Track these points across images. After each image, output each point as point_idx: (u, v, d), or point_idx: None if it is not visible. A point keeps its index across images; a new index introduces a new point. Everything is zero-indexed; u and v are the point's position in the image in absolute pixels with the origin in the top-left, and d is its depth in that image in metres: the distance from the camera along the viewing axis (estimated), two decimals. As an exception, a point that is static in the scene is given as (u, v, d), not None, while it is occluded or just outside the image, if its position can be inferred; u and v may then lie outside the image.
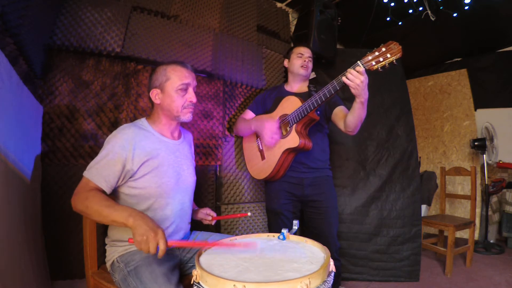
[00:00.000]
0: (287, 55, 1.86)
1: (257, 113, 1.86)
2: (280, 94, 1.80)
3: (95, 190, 0.97)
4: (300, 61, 1.76)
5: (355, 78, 1.26)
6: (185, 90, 1.15)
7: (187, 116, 1.17)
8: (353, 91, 1.31)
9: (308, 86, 1.77)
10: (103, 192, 1.00)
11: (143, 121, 1.19)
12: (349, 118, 1.48)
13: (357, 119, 1.45)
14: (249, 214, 1.29)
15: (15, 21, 1.06)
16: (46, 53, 1.46)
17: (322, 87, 1.48)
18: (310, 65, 1.79)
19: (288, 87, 1.84)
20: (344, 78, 1.30)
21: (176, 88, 1.13)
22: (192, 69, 1.20)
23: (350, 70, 1.27)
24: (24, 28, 1.11)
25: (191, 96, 1.16)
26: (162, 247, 0.83)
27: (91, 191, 0.96)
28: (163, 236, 0.85)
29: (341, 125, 1.60)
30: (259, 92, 2.23)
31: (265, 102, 1.86)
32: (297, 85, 1.82)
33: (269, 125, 1.60)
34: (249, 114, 1.88)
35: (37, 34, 1.28)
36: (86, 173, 1.01)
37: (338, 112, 1.64)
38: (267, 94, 1.89)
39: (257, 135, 1.80)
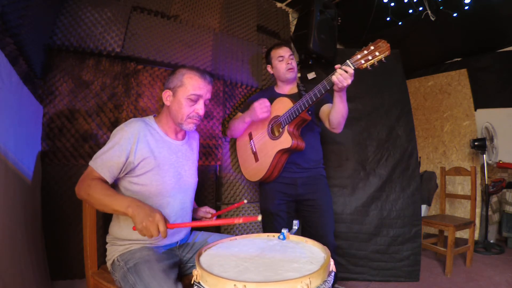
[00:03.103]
0: (267, 60, 1.83)
1: None
2: (271, 96, 1.78)
3: (97, 180, 1.01)
4: (284, 65, 1.73)
5: (344, 80, 1.28)
6: (195, 101, 1.15)
7: (189, 126, 1.17)
8: (336, 88, 1.34)
9: (298, 86, 1.76)
10: (106, 182, 1.03)
11: (150, 119, 1.21)
12: (332, 114, 1.50)
13: (339, 114, 1.46)
14: (245, 201, 1.30)
15: (15, 21, 1.06)
16: (46, 53, 1.46)
17: (312, 87, 1.49)
18: (294, 63, 1.76)
19: (278, 90, 1.84)
20: (333, 78, 1.31)
21: (186, 96, 1.14)
22: (211, 82, 1.20)
23: (341, 72, 1.29)
24: (24, 28, 1.11)
25: (199, 108, 1.16)
26: (162, 229, 0.88)
27: (94, 180, 1.00)
28: (160, 218, 0.89)
29: (326, 123, 1.61)
30: (259, 92, 2.24)
31: None
32: (287, 87, 1.81)
33: (257, 104, 1.59)
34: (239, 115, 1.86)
35: (37, 34, 1.28)
36: (91, 163, 1.04)
37: (325, 109, 1.63)
38: (258, 96, 1.87)
39: (250, 137, 1.80)
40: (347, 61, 1.29)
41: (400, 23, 2.85)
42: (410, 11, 2.71)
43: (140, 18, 1.74)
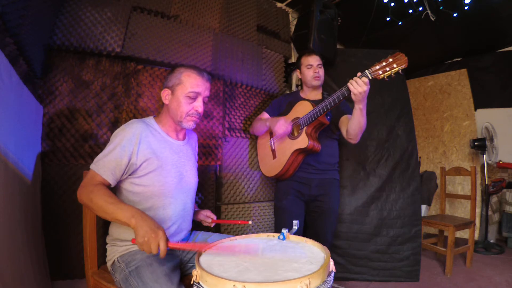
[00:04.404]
0: (297, 65, 1.94)
1: (272, 115, 1.93)
2: (295, 99, 1.87)
3: (100, 185, 0.99)
4: (312, 72, 1.83)
5: (359, 86, 1.34)
6: (194, 98, 1.15)
7: (189, 124, 1.17)
8: (353, 97, 1.39)
9: (322, 93, 1.86)
10: (108, 186, 1.02)
11: (150, 119, 1.20)
12: (350, 125, 1.58)
13: (357, 126, 1.53)
14: (250, 222, 1.28)
15: (15, 21, 1.06)
16: (46, 53, 1.46)
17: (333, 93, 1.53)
18: (322, 72, 1.86)
19: (303, 94, 1.93)
20: (349, 84, 1.38)
21: (185, 94, 1.14)
22: (209, 79, 1.20)
23: (356, 79, 1.35)
24: (24, 28, 1.11)
25: (198, 105, 1.16)
26: (162, 248, 0.85)
27: (97, 185, 0.98)
28: (163, 236, 0.87)
29: (344, 132, 1.69)
30: (259, 92, 2.24)
31: (281, 106, 1.94)
32: (311, 93, 1.90)
33: (282, 120, 1.69)
34: (265, 116, 1.96)
35: (37, 34, 1.28)
36: (93, 166, 1.02)
37: (344, 119, 1.73)
38: (283, 99, 1.98)
39: (270, 135, 1.89)
40: (366, 71, 1.35)
41: (400, 23, 2.84)
42: (410, 11, 2.70)
43: (140, 18, 1.74)
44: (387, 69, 1.29)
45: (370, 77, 1.34)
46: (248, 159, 2.10)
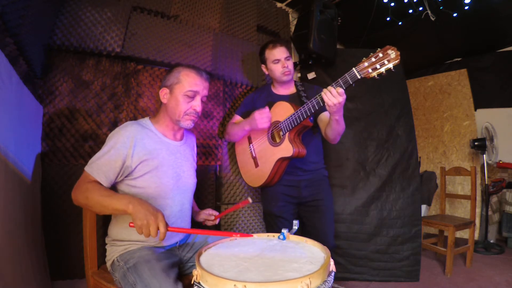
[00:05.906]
0: (262, 60, 1.73)
1: (247, 116, 1.72)
2: (270, 98, 1.72)
3: (94, 182, 1.00)
4: (280, 68, 1.64)
5: (334, 97, 1.23)
6: (192, 97, 1.15)
7: (187, 123, 1.17)
8: (328, 108, 1.29)
9: (296, 86, 1.71)
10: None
11: (146, 120, 1.20)
12: (327, 130, 1.50)
13: (335, 132, 1.46)
14: (250, 201, 1.27)
15: (15, 21, 1.05)
16: (46, 53, 1.46)
17: (312, 86, 1.43)
18: (291, 65, 1.66)
19: (276, 90, 1.76)
20: (323, 94, 1.27)
21: (183, 93, 1.14)
22: (208, 79, 1.20)
23: (331, 89, 1.24)
24: (24, 28, 1.11)
25: (196, 105, 1.16)
26: (162, 230, 0.86)
27: (91, 183, 0.99)
28: (162, 219, 0.87)
29: (323, 132, 1.59)
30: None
31: (255, 104, 1.76)
32: (284, 88, 1.74)
33: (257, 114, 1.53)
34: (237, 118, 1.81)
35: (37, 34, 1.28)
36: (87, 168, 1.03)
37: (323, 118, 1.60)
38: (256, 95, 1.81)
39: (249, 141, 1.75)
40: (353, 69, 1.22)
41: (400, 23, 2.84)
42: (410, 11, 2.70)
43: (140, 18, 1.74)
44: (378, 66, 1.16)
45: (359, 77, 1.20)
46: (248, 159, 2.10)
